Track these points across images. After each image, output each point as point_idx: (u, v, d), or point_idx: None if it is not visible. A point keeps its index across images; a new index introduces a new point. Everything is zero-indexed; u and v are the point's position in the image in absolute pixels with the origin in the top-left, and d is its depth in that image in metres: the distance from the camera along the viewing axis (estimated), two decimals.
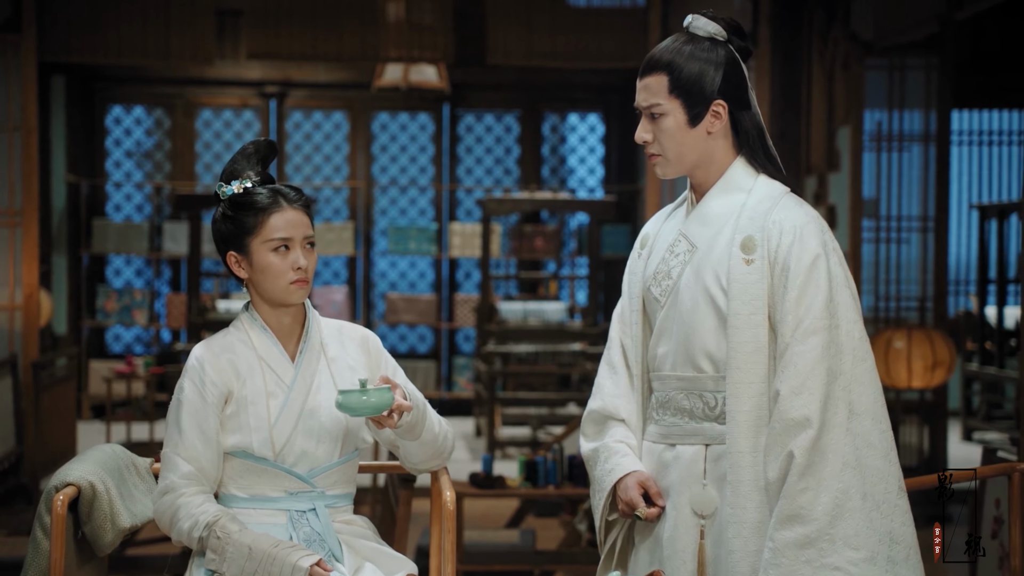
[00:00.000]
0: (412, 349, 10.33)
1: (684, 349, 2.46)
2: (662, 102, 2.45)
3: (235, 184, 2.52)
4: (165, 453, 2.48)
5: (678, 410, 2.47)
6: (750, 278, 2.41)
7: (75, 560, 2.52)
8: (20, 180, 6.98)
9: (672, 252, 2.51)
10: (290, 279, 2.48)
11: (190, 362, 2.50)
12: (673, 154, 2.48)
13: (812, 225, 2.43)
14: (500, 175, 10.32)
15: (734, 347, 2.40)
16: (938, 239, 6.55)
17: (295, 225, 2.49)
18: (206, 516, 2.39)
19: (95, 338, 9.99)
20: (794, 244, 2.40)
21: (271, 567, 2.33)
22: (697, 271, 2.46)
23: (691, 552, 2.41)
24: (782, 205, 2.46)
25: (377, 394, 2.38)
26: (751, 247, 2.43)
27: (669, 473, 2.46)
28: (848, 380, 2.35)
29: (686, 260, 2.49)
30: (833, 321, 2.37)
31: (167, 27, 7.64)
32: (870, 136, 6.62)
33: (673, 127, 2.46)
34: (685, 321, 2.46)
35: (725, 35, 2.49)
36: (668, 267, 2.51)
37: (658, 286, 2.52)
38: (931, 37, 6.40)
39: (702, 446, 2.44)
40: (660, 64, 2.46)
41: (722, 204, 2.49)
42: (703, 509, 2.42)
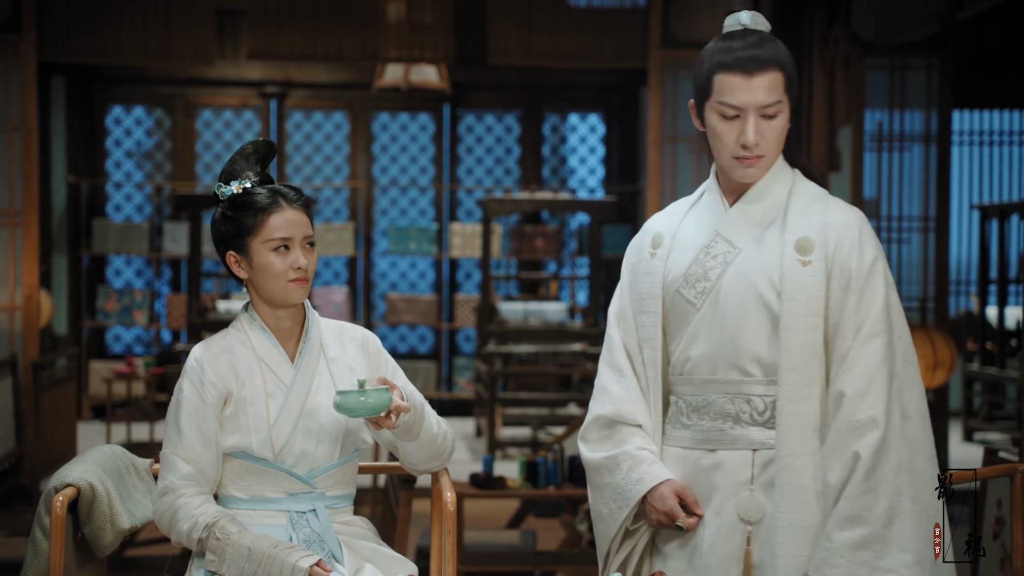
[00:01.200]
0: (412, 350, 10.32)
1: (729, 352, 2.40)
2: (781, 99, 2.39)
3: (234, 184, 2.51)
4: (164, 454, 2.47)
5: (720, 414, 2.41)
6: (808, 280, 2.37)
7: (74, 561, 2.52)
8: (20, 180, 6.98)
9: (708, 253, 2.44)
10: (289, 278, 2.47)
11: (189, 363, 2.50)
12: (773, 154, 2.43)
13: (867, 228, 2.44)
14: (500, 175, 10.32)
15: (789, 350, 2.36)
16: (939, 239, 6.54)
17: (295, 225, 2.49)
18: (205, 517, 2.39)
19: (95, 338, 9.98)
20: (854, 247, 2.38)
21: (270, 568, 2.33)
22: (742, 273, 2.41)
23: (736, 559, 2.36)
24: (834, 206, 2.45)
25: (375, 395, 2.37)
26: (808, 248, 2.39)
27: (709, 479, 2.40)
28: (900, 382, 2.35)
29: (727, 261, 2.42)
30: (889, 324, 2.37)
31: (167, 27, 7.64)
32: (871, 136, 6.62)
33: (781, 126, 2.41)
34: (730, 324, 2.40)
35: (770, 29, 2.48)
36: (704, 269, 2.43)
37: (691, 288, 2.44)
38: (932, 37, 6.39)
39: (749, 451, 2.39)
40: (775, 61, 2.39)
41: (763, 203, 2.45)
42: (751, 515, 2.38)
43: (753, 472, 2.39)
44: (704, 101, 2.41)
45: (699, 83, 2.42)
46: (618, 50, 8.01)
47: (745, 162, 2.42)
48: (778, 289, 2.38)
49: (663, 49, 7.20)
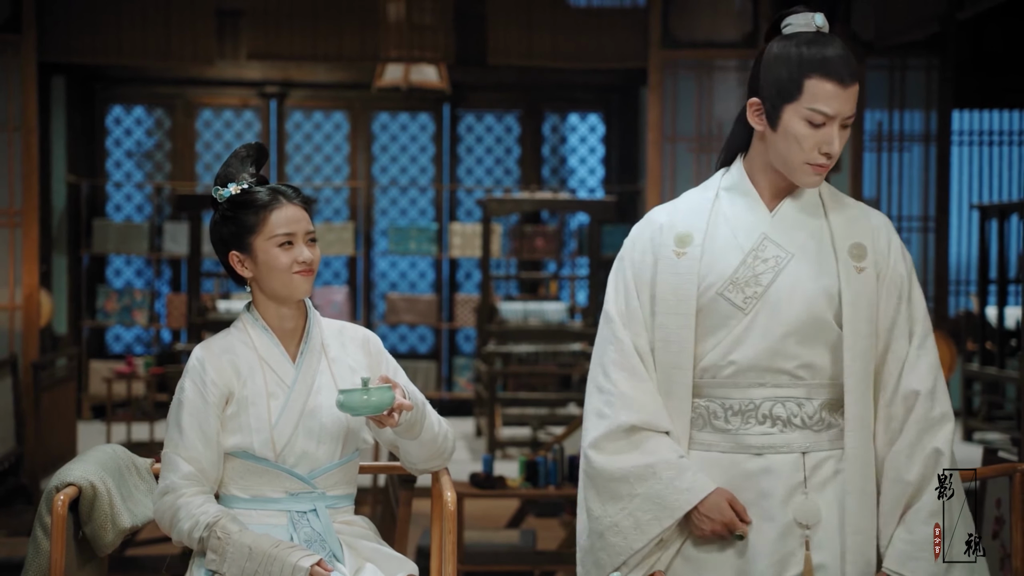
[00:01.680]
0: (412, 349, 10.33)
1: (782, 358, 2.37)
2: (854, 113, 2.39)
3: (232, 186, 2.54)
4: (165, 453, 2.48)
5: (768, 418, 2.38)
6: (864, 287, 2.39)
7: (75, 560, 2.52)
8: (20, 180, 6.99)
9: (757, 257, 2.40)
10: (294, 270, 2.49)
11: (191, 362, 2.50)
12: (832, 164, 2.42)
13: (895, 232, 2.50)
14: (500, 175, 10.32)
15: (854, 357, 2.36)
16: (939, 239, 6.56)
17: (296, 220, 2.51)
18: (206, 517, 2.39)
19: (95, 338, 9.99)
20: (898, 251, 2.43)
21: (271, 567, 2.33)
22: (797, 278, 2.38)
23: (792, 563, 2.34)
24: (866, 209, 2.48)
25: (378, 393, 2.38)
26: (861, 255, 2.40)
27: (756, 483, 2.37)
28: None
29: (779, 266, 2.39)
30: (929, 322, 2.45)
31: (167, 27, 7.64)
32: (871, 136, 6.62)
33: (847, 136, 2.40)
34: (784, 330, 2.37)
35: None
36: (755, 273, 2.39)
37: (739, 292, 2.39)
38: (932, 37, 6.40)
39: (799, 454, 2.38)
40: (855, 73, 2.36)
41: (805, 206, 2.43)
42: (808, 519, 2.36)
43: (805, 475, 2.38)
44: (788, 103, 2.33)
45: (783, 84, 2.33)
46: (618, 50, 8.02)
47: (819, 169, 2.38)
48: (835, 295, 2.38)
49: (663, 49, 7.20)
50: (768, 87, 2.36)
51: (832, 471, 2.39)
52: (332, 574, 2.37)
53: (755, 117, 2.39)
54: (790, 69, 2.33)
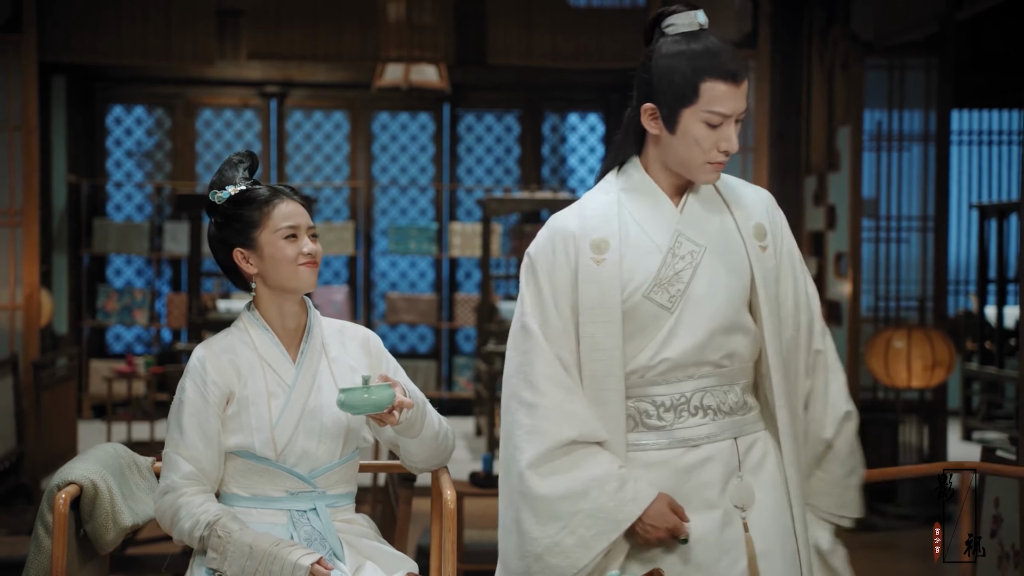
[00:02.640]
0: (412, 349, 10.33)
1: (709, 350, 2.38)
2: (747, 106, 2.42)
3: (230, 188, 2.57)
4: (166, 453, 2.48)
5: (699, 408, 2.39)
6: (768, 264, 2.43)
7: (77, 558, 2.53)
8: (21, 180, 6.99)
9: (675, 255, 2.39)
10: (300, 262, 2.51)
11: (191, 362, 2.51)
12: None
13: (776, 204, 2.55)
14: (500, 175, 10.33)
15: (772, 335, 2.41)
16: (938, 239, 6.56)
17: (299, 214, 2.54)
18: (207, 515, 2.40)
19: (96, 338, 10.00)
20: (785, 223, 2.49)
21: (272, 565, 2.34)
22: (713, 269, 2.39)
23: (740, 548, 2.35)
24: (750, 186, 2.53)
25: (378, 391, 2.38)
26: (762, 233, 2.44)
27: (695, 475, 2.38)
28: None
29: (695, 261, 2.39)
30: None
31: (168, 27, 7.65)
32: (870, 136, 6.62)
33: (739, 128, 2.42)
34: (709, 322, 2.38)
35: None
36: (675, 271, 2.38)
37: (664, 292, 2.38)
38: (931, 37, 6.41)
39: (732, 440, 2.40)
40: (745, 69, 2.40)
41: (705, 197, 2.45)
42: (745, 501, 2.38)
43: (739, 459, 2.41)
44: (685, 107, 2.32)
45: (678, 88, 2.32)
46: (618, 50, 8.02)
47: (719, 166, 2.39)
48: (748, 281, 2.41)
49: None
50: (663, 92, 2.34)
51: (761, 452, 2.42)
52: (332, 572, 2.38)
53: (651, 122, 2.38)
54: (683, 73, 2.32)
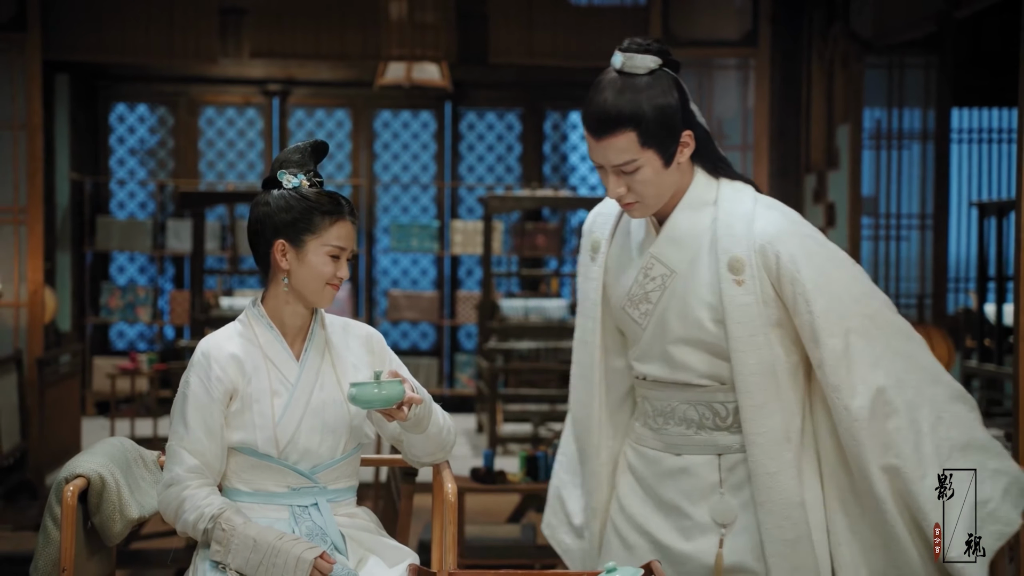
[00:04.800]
0: (414, 346, 10.36)
1: (680, 369, 2.42)
2: (636, 157, 2.33)
3: (301, 177, 2.55)
4: (170, 446, 2.50)
5: (684, 420, 2.43)
6: (745, 299, 2.36)
7: (84, 550, 2.56)
8: (25, 178, 7.02)
9: (647, 275, 2.43)
10: (330, 282, 2.51)
11: (195, 357, 2.52)
12: (653, 199, 2.38)
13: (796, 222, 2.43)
14: (502, 173, 10.35)
15: (740, 372, 2.36)
16: (937, 237, 6.59)
17: (351, 238, 2.54)
18: (211, 508, 2.42)
19: (99, 335, 10.03)
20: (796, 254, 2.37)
21: (275, 559, 2.36)
22: (681, 296, 2.40)
23: (707, 560, 2.39)
24: (760, 217, 2.40)
25: (389, 387, 2.39)
26: (739, 268, 2.37)
27: (676, 483, 2.43)
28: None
29: (664, 284, 2.41)
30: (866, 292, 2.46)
31: (171, 25, 7.67)
32: (869, 134, 6.65)
33: (650, 175, 2.35)
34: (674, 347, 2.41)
35: (660, 61, 2.36)
36: (645, 291, 2.43)
37: (636, 309, 2.45)
38: (930, 36, 6.43)
39: (715, 456, 2.42)
40: (622, 120, 2.30)
41: (692, 222, 2.42)
42: (724, 519, 2.41)
43: (721, 476, 2.42)
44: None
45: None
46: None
47: (624, 207, 2.40)
48: (716, 310, 2.38)
49: None
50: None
51: (747, 474, 2.41)
52: (335, 566, 2.40)
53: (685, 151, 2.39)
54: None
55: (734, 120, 7.29)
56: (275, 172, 2.55)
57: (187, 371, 2.53)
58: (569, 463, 2.72)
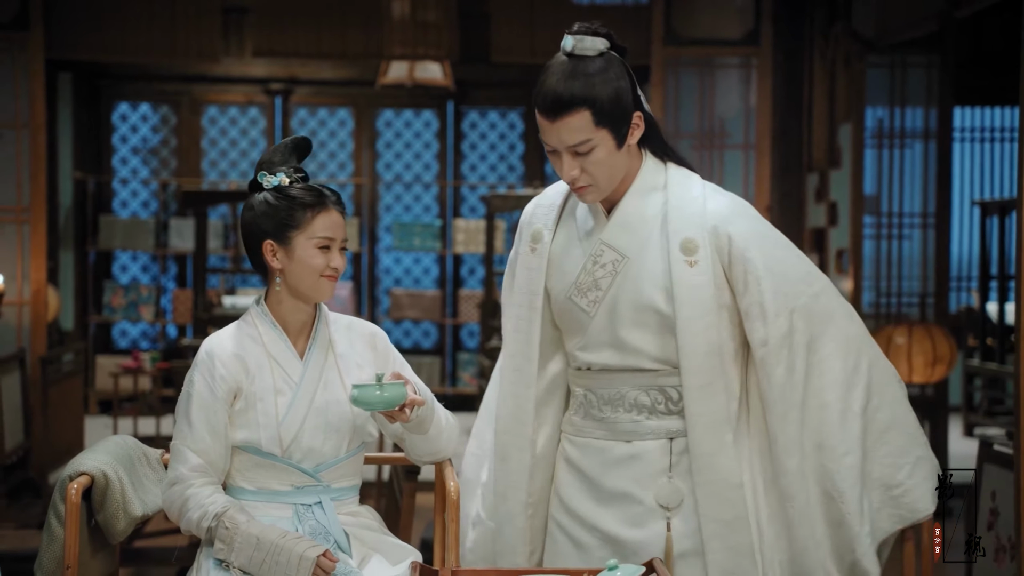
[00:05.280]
0: (416, 345, 10.37)
1: (631, 355, 2.42)
2: (590, 137, 2.35)
3: (280, 176, 2.54)
4: (174, 444, 2.51)
5: (634, 406, 2.43)
6: (696, 280, 2.37)
7: (88, 547, 2.57)
8: (28, 177, 7.03)
9: (596, 263, 2.43)
10: (324, 273, 2.51)
11: (200, 356, 2.53)
12: (605, 180, 2.39)
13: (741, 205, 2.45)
14: (504, 172, 10.36)
15: (687, 353, 2.37)
16: (939, 235, 6.59)
17: (338, 227, 2.53)
18: (215, 507, 2.43)
19: (101, 334, 10.04)
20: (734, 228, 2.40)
21: (278, 557, 2.37)
22: (633, 281, 2.41)
23: (658, 546, 2.39)
24: (711, 200, 2.43)
25: (391, 389, 2.40)
26: (692, 248, 2.38)
27: (627, 470, 2.42)
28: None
29: (616, 270, 2.42)
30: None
31: (173, 24, 7.68)
32: (871, 133, 6.65)
33: (603, 156, 2.37)
34: (626, 331, 2.41)
35: (609, 44, 2.42)
36: (594, 278, 2.43)
37: (583, 297, 2.44)
38: (932, 35, 6.44)
39: (666, 440, 2.42)
40: (576, 100, 2.33)
41: (642, 207, 2.43)
42: (670, 502, 2.40)
43: (671, 460, 2.42)
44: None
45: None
46: None
47: (577, 191, 2.41)
48: (669, 292, 2.38)
49: (666, 46, 7.24)
50: None
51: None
52: (337, 564, 2.41)
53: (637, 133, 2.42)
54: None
55: (736, 119, 7.30)
56: (256, 175, 2.55)
57: (191, 370, 2.54)
58: (477, 462, 2.70)
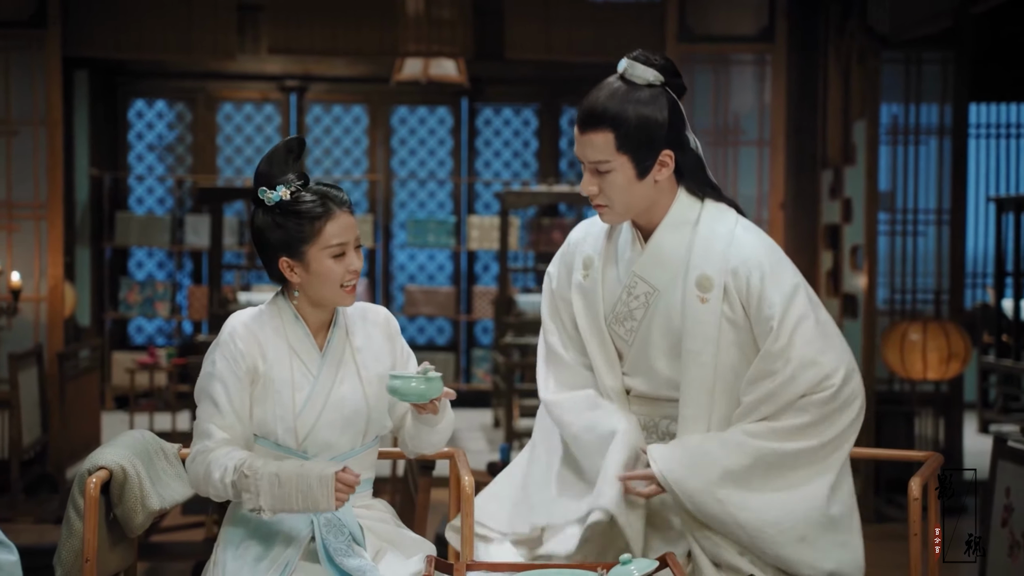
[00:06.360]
0: (431, 341, 10.40)
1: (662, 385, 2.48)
2: (609, 159, 2.38)
3: (281, 190, 2.49)
4: (199, 424, 2.51)
5: (668, 435, 2.50)
6: (704, 316, 2.40)
7: (107, 541, 2.59)
8: (45, 174, 7.07)
9: (631, 294, 2.48)
10: (345, 282, 2.50)
11: (223, 336, 2.52)
12: (621, 206, 2.42)
13: (777, 257, 2.45)
14: (518, 168, 10.37)
15: (686, 383, 2.42)
16: (954, 232, 6.57)
17: (349, 229, 2.51)
18: (233, 460, 2.42)
19: (118, 330, 10.09)
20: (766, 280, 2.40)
21: (300, 484, 2.37)
22: (664, 314, 2.45)
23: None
24: (738, 241, 2.43)
25: (431, 382, 2.41)
26: (707, 285, 2.41)
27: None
28: None
29: (647, 303, 2.46)
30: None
31: (189, 22, 7.71)
32: (886, 129, 6.64)
33: (622, 181, 2.39)
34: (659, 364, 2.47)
35: (663, 79, 2.41)
36: (629, 308, 2.48)
37: (621, 326, 2.50)
38: (947, 30, 6.42)
39: None
40: (604, 119, 2.36)
41: (673, 242, 2.45)
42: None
43: None
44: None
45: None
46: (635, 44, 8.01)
47: (596, 208, 2.45)
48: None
49: (680, 43, 7.24)
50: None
51: None
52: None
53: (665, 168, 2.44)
54: None
55: (750, 116, 7.30)
56: (257, 191, 2.51)
57: (212, 350, 2.53)
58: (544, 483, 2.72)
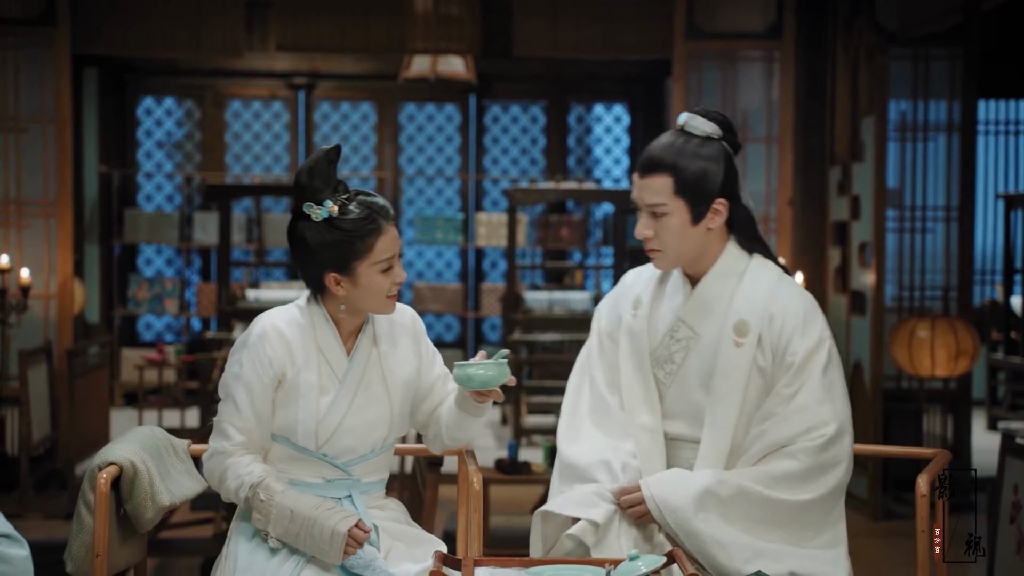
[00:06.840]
0: (439, 338, 10.41)
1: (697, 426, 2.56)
2: (667, 202, 2.53)
3: (328, 204, 2.47)
4: (219, 421, 2.52)
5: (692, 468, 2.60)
6: (737, 360, 2.51)
7: (117, 537, 2.61)
8: (54, 171, 7.09)
9: (673, 337, 2.59)
10: (390, 294, 2.53)
11: (252, 337, 2.51)
12: (674, 251, 2.55)
13: (813, 312, 2.56)
14: (526, 165, 10.38)
15: (710, 421, 2.52)
16: (963, 229, 6.57)
17: (396, 242, 2.52)
18: (251, 477, 2.45)
19: (127, 326, 10.12)
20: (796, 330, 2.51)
21: (312, 529, 2.40)
22: (701, 357, 2.56)
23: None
24: (782, 292, 2.56)
25: (499, 368, 2.49)
26: (744, 330, 2.52)
27: None
28: None
29: (689, 347, 2.57)
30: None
31: (197, 19, 7.72)
32: (895, 126, 6.63)
33: (676, 226, 2.53)
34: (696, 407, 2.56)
35: (720, 133, 2.56)
36: (670, 352, 2.59)
37: (661, 369, 2.60)
38: (956, 27, 6.41)
39: None
40: (664, 164, 2.53)
41: (719, 290, 2.57)
42: None
43: None
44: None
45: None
46: (643, 41, 8.05)
47: (648, 252, 2.58)
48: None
49: (688, 40, 7.24)
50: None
51: None
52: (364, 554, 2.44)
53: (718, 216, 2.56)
54: None
55: (758, 112, 7.29)
56: (300, 204, 2.49)
57: (240, 349, 2.52)
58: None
